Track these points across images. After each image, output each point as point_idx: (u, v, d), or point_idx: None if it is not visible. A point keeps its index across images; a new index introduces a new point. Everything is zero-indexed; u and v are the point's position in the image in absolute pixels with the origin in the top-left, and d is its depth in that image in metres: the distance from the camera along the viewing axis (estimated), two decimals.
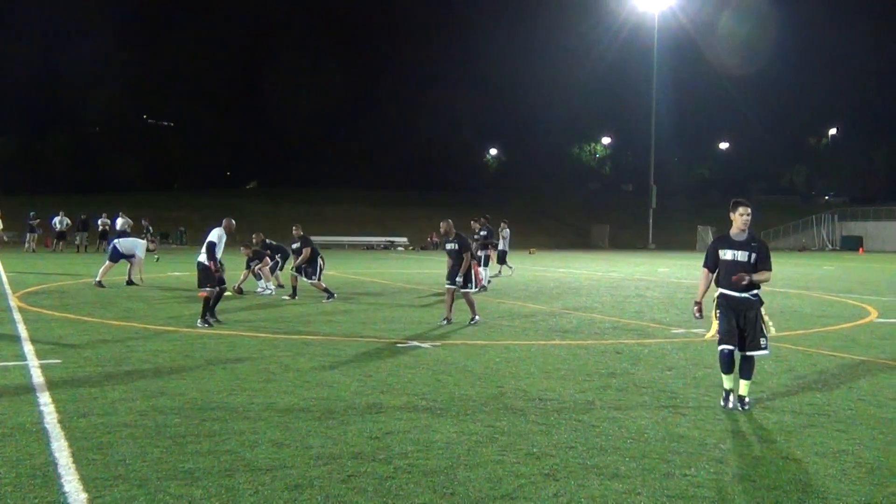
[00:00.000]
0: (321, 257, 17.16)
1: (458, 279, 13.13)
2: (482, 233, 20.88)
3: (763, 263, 7.33)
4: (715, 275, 7.56)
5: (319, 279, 16.90)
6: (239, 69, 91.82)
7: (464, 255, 13.11)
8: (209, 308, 12.64)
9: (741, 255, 7.33)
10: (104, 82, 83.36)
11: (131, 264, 19.74)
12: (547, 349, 10.80)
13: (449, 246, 13.40)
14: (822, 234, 70.91)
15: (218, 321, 12.68)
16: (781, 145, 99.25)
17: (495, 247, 22.87)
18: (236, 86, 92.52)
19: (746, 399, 7.30)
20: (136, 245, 19.74)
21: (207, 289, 12.57)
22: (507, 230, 25.01)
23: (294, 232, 17.33)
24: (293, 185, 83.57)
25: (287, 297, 16.95)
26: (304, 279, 16.98)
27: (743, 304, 7.30)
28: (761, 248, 7.37)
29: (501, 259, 24.38)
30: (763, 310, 7.41)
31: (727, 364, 7.31)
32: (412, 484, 5.13)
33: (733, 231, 7.47)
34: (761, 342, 7.28)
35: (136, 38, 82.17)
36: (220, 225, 13.23)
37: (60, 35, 79.06)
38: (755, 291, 7.37)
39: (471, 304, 13.42)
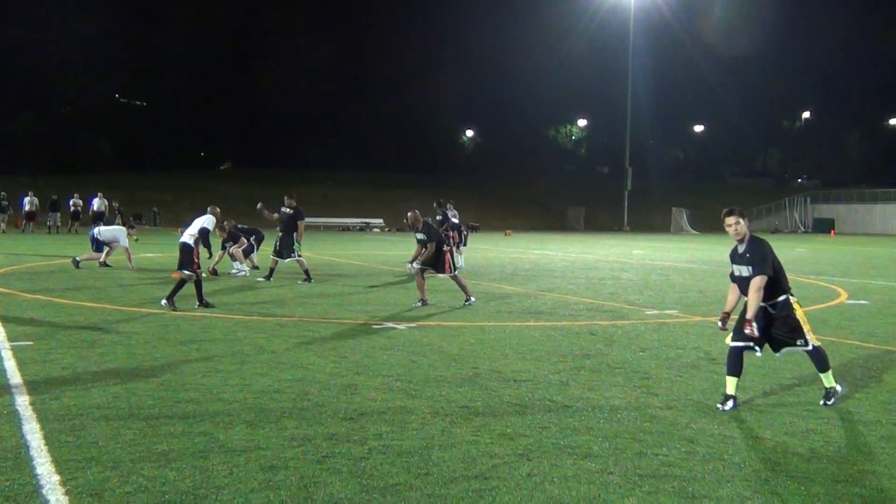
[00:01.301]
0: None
1: (416, 265, 13.22)
2: (437, 218, 20.53)
3: (755, 270, 6.68)
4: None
5: (300, 256, 16.83)
6: (214, 49, 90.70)
7: (428, 245, 13.16)
8: (199, 296, 12.46)
9: (745, 271, 6.77)
10: (76, 61, 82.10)
11: (110, 248, 19.52)
12: (522, 330, 10.86)
13: (419, 236, 13.42)
14: (795, 217, 71.76)
15: (211, 305, 12.48)
16: (755, 129, 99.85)
17: (454, 228, 21.75)
18: (211, 66, 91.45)
19: (835, 389, 6.85)
20: (117, 234, 19.50)
21: (185, 272, 12.41)
22: (454, 211, 24.65)
23: (287, 200, 17.06)
24: (267, 167, 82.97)
25: (262, 279, 16.88)
26: (284, 260, 16.87)
27: (766, 313, 6.77)
28: (754, 256, 6.74)
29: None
30: (797, 308, 6.77)
31: (733, 364, 6.75)
32: (387, 464, 5.15)
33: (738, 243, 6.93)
34: (797, 341, 6.69)
35: (108, 17, 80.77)
36: (205, 212, 13.19)
37: (30, 13, 77.67)
38: (776, 301, 6.76)
39: (462, 287, 13.50)
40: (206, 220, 12.94)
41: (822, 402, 6.87)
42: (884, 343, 10.16)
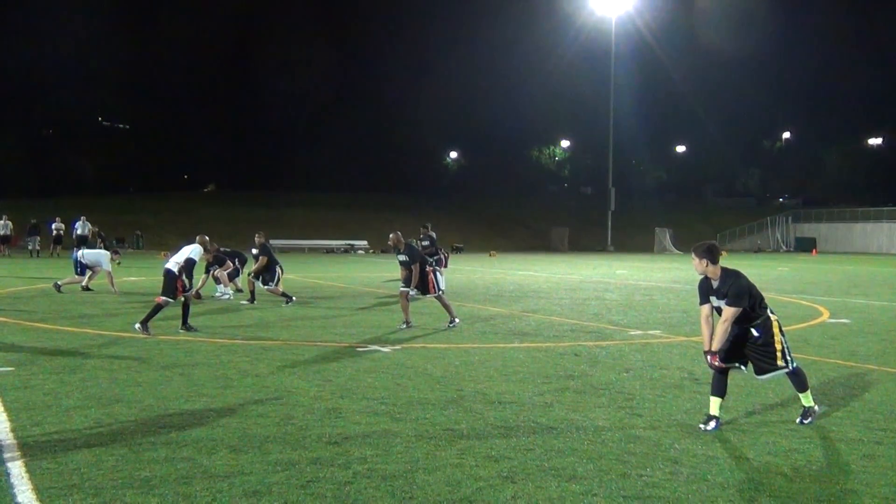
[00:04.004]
0: (279, 266, 17.15)
1: (412, 290, 13.19)
2: (424, 243, 20.49)
3: (728, 302, 6.70)
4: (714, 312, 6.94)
5: (277, 286, 16.84)
6: (198, 72, 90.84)
7: (412, 267, 13.17)
8: (184, 318, 12.44)
9: (721, 303, 6.79)
10: (57, 84, 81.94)
11: (93, 272, 19.41)
12: (506, 352, 10.87)
13: (401, 258, 13.43)
14: (777, 236, 72.19)
15: (194, 328, 12.45)
16: (736, 148, 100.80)
17: (436, 253, 21.46)
18: (194, 89, 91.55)
19: (813, 409, 6.96)
20: (100, 257, 19.40)
21: (169, 298, 12.32)
22: (432, 233, 24.56)
23: (256, 239, 17.39)
24: (251, 189, 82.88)
25: (245, 302, 16.83)
26: (261, 285, 16.93)
27: (745, 334, 6.86)
28: (729, 290, 6.71)
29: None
30: (776, 330, 6.84)
31: (716, 385, 6.83)
32: (371, 488, 5.14)
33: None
34: (778, 363, 6.80)
35: (91, 40, 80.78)
36: (193, 240, 13.21)
37: (12, 36, 77.56)
38: (755, 324, 6.83)
39: (447, 308, 13.46)
40: (193, 250, 12.85)
41: (798, 421, 6.94)
42: (865, 361, 10.23)
